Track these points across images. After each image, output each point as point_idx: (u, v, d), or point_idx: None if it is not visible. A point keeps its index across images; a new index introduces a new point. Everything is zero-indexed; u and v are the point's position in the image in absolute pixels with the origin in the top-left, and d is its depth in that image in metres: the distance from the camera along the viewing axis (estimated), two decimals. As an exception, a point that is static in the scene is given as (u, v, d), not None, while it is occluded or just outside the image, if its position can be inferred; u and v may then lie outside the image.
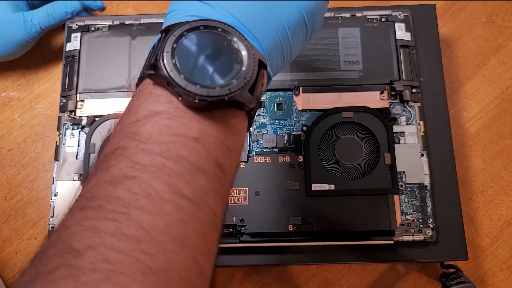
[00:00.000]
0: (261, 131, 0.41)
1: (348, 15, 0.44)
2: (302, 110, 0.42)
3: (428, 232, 0.38)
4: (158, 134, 0.19)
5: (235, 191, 0.39)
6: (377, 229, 0.38)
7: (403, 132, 0.41)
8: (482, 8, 0.50)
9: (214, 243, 0.20)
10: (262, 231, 0.38)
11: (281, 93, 0.42)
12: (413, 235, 0.38)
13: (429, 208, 0.39)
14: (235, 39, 0.21)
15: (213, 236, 0.20)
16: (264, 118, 0.42)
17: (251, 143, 0.41)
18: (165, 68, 0.20)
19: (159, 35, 0.22)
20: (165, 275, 0.17)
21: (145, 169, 0.18)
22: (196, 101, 0.19)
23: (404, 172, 0.40)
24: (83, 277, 0.15)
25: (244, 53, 0.21)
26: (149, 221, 0.17)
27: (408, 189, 0.40)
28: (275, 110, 0.42)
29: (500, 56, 0.49)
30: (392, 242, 0.38)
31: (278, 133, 0.41)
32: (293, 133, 0.41)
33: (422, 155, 0.40)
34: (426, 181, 0.40)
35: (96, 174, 0.19)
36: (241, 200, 0.39)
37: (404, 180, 0.40)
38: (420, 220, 0.39)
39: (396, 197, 0.39)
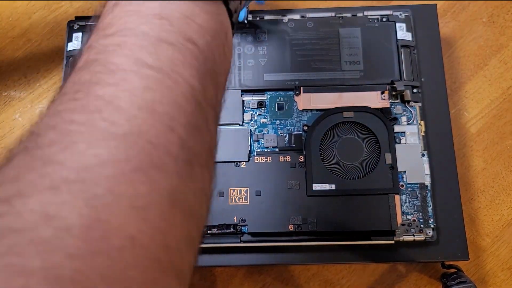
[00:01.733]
0: (262, 131, 0.41)
1: (349, 15, 0.44)
2: (303, 110, 0.42)
3: (429, 232, 0.38)
4: (117, 18, 0.19)
5: (235, 191, 0.39)
6: (378, 229, 0.38)
7: (404, 132, 0.41)
8: (483, 8, 0.50)
9: (197, 118, 0.18)
10: (263, 231, 0.38)
11: (282, 93, 0.42)
12: (413, 235, 0.38)
13: (429, 208, 0.39)
14: None
15: (193, 109, 0.18)
16: (265, 118, 0.42)
17: (252, 143, 0.41)
18: None
19: None
20: (131, 139, 0.16)
21: (105, 49, 0.18)
22: None
23: (405, 172, 0.40)
24: (38, 150, 0.15)
25: None
26: (110, 92, 0.16)
27: (409, 189, 0.40)
28: (276, 110, 0.42)
29: (501, 56, 0.49)
30: (392, 242, 0.38)
31: (279, 133, 0.41)
32: (294, 133, 0.41)
33: (423, 155, 0.40)
34: (427, 181, 0.40)
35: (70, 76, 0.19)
36: (242, 200, 0.39)
37: (404, 180, 0.40)
38: (421, 220, 0.39)
39: (396, 197, 0.39)
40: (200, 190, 0.18)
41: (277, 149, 0.41)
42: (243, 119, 0.41)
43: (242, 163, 0.40)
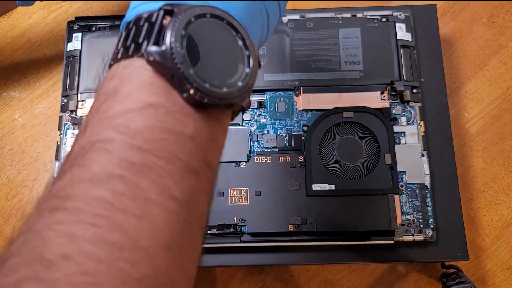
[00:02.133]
0: (262, 131, 0.41)
1: (348, 15, 0.44)
2: (303, 110, 0.42)
3: (429, 232, 0.39)
4: (150, 130, 0.17)
5: (235, 191, 0.39)
6: (378, 229, 0.38)
7: (404, 132, 0.41)
8: (483, 8, 0.50)
9: (199, 243, 0.19)
10: (263, 231, 0.38)
11: (281, 93, 0.42)
12: (413, 235, 0.38)
13: (429, 208, 0.39)
14: (239, 35, 0.20)
15: (199, 236, 0.19)
16: (264, 118, 0.42)
17: (252, 143, 0.41)
18: (174, 59, 0.17)
19: (149, 8, 0.19)
20: (149, 283, 0.15)
21: (133, 167, 0.16)
22: (205, 100, 0.18)
23: (405, 172, 0.40)
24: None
25: (247, 53, 0.20)
26: (134, 225, 0.15)
27: (409, 189, 0.40)
28: (276, 110, 0.42)
29: (501, 56, 0.49)
30: (392, 242, 0.38)
31: (278, 133, 0.41)
32: (293, 133, 0.41)
33: (423, 155, 0.40)
34: (427, 181, 0.40)
35: (71, 170, 0.17)
36: (242, 200, 0.39)
37: (404, 180, 0.40)
38: (421, 220, 0.39)
39: (396, 197, 0.39)
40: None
41: (277, 149, 0.41)
42: (243, 119, 0.42)
43: (242, 163, 0.40)
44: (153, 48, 0.18)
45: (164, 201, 0.16)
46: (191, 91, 0.18)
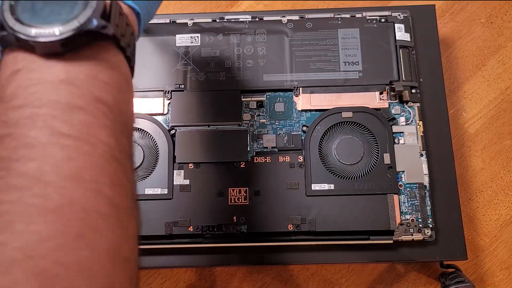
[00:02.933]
0: (261, 131, 0.41)
1: (347, 16, 0.44)
2: (302, 110, 0.42)
3: (427, 232, 0.39)
4: (23, 88, 0.19)
5: (235, 191, 0.39)
6: (377, 228, 0.38)
7: (403, 132, 0.41)
8: (481, 9, 0.50)
9: (119, 174, 0.19)
10: (262, 231, 0.39)
11: (281, 93, 0.43)
12: (412, 235, 0.39)
13: (428, 208, 0.39)
14: None
15: (115, 167, 0.19)
16: (264, 118, 0.42)
17: (251, 143, 0.41)
18: (9, 27, 0.19)
19: None
20: (65, 210, 0.17)
21: (17, 123, 0.18)
22: (48, 44, 0.19)
23: (404, 172, 0.40)
24: None
25: None
26: (34, 167, 0.17)
27: (408, 189, 0.40)
28: (275, 110, 0.42)
29: (499, 57, 0.49)
30: (391, 241, 0.38)
31: (278, 133, 0.41)
32: (293, 133, 0.41)
33: (422, 155, 0.40)
34: (426, 181, 0.40)
35: None
36: (241, 200, 0.39)
37: (403, 180, 0.40)
38: (420, 220, 0.39)
39: (395, 197, 0.39)
40: (131, 237, 0.19)
41: (276, 149, 0.41)
42: (243, 120, 0.42)
43: (241, 163, 0.40)
44: None
45: (56, 140, 0.18)
46: (40, 45, 0.19)
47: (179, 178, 0.40)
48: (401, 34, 0.43)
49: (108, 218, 0.18)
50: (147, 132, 0.41)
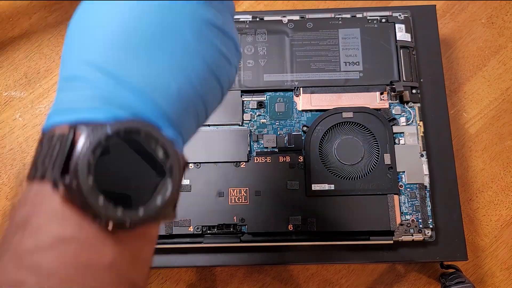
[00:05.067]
0: (262, 131, 0.41)
1: (348, 16, 0.44)
2: (303, 111, 0.42)
3: (428, 232, 0.39)
4: (64, 268, 0.16)
5: (235, 191, 0.39)
6: (377, 229, 0.38)
7: (403, 133, 0.41)
8: (482, 9, 0.50)
9: None
10: (262, 231, 0.38)
11: (281, 93, 0.42)
12: (412, 235, 0.38)
13: (428, 208, 0.39)
14: (159, 147, 0.18)
15: None
16: (264, 118, 0.42)
17: (252, 143, 0.41)
18: (81, 188, 0.16)
19: (64, 119, 0.18)
20: None
21: None
22: (126, 225, 0.17)
23: (404, 172, 0.40)
24: None
25: (169, 165, 0.18)
26: None
27: (408, 189, 0.40)
28: (276, 110, 0.42)
29: (500, 57, 0.49)
30: (391, 242, 0.38)
31: (278, 133, 0.41)
32: (293, 133, 0.41)
33: (422, 155, 0.40)
34: (426, 181, 0.40)
35: None
36: (242, 200, 0.39)
37: (403, 180, 0.40)
38: (420, 220, 0.39)
39: (395, 197, 0.39)
40: None
41: (276, 150, 0.41)
42: (243, 120, 0.42)
43: (241, 163, 0.40)
44: (58, 178, 0.17)
45: None
46: (107, 222, 0.17)
47: (179, 178, 0.40)
48: (402, 34, 0.43)
49: None
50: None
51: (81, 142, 0.17)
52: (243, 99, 0.42)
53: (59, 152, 0.17)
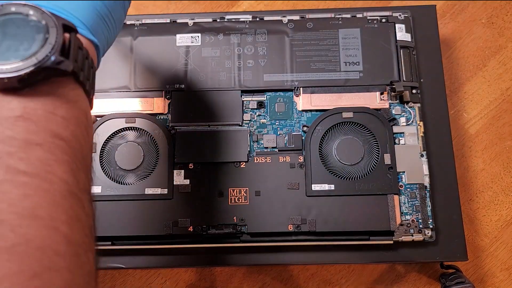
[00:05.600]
0: (262, 131, 0.41)
1: (348, 16, 0.44)
2: (303, 111, 0.42)
3: (428, 233, 0.39)
4: None
5: (235, 191, 0.39)
6: (377, 229, 0.38)
7: (403, 133, 0.41)
8: (482, 9, 0.50)
9: (76, 210, 0.19)
10: (262, 231, 0.38)
11: (281, 93, 0.42)
12: (412, 236, 0.38)
13: (428, 208, 0.39)
14: (31, 12, 0.21)
15: (71, 203, 0.19)
16: (264, 118, 0.42)
17: (252, 143, 0.41)
18: None
19: None
20: (21, 249, 0.16)
21: None
22: (5, 80, 0.19)
23: (404, 172, 0.40)
24: None
25: (43, 22, 0.21)
26: None
27: (408, 189, 0.40)
28: (276, 110, 0.42)
29: (500, 57, 0.49)
30: (391, 242, 0.38)
31: (278, 133, 0.41)
32: (293, 133, 0.41)
33: (422, 155, 0.40)
34: (426, 181, 0.40)
35: None
36: (242, 200, 0.39)
37: (404, 180, 0.40)
38: (420, 221, 0.39)
39: (395, 197, 0.39)
40: (88, 273, 0.19)
41: (276, 150, 0.41)
42: (243, 120, 0.42)
43: (241, 163, 0.40)
44: None
45: (12, 177, 0.18)
46: None
47: (179, 178, 0.40)
48: (402, 34, 0.43)
49: (65, 256, 0.18)
50: (147, 132, 0.40)
51: None
52: (243, 99, 0.42)
53: None
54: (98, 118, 0.42)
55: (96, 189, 0.39)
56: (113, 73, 0.43)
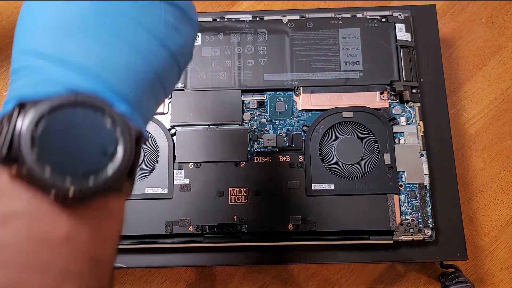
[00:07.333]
0: (262, 131, 0.41)
1: (348, 15, 0.44)
2: (303, 110, 0.42)
3: (428, 232, 0.39)
4: (16, 241, 0.16)
5: (235, 191, 0.39)
6: (377, 228, 0.38)
7: (403, 132, 0.41)
8: (482, 9, 0.50)
9: None
10: (262, 231, 0.39)
11: (281, 93, 0.42)
12: (412, 235, 0.38)
13: (428, 208, 0.39)
14: (106, 117, 0.18)
15: None
16: (264, 118, 0.42)
17: (252, 142, 0.41)
18: (25, 161, 0.16)
19: (8, 107, 0.18)
20: None
21: (3, 287, 0.16)
22: (70, 196, 0.17)
23: (404, 172, 0.40)
24: None
25: (119, 132, 0.18)
26: None
27: (408, 189, 0.40)
28: (276, 110, 0.42)
29: (500, 57, 0.49)
30: (391, 241, 0.38)
31: (278, 133, 0.41)
32: (293, 133, 0.41)
33: (422, 155, 0.40)
34: (426, 181, 0.40)
35: None
36: (242, 200, 0.39)
37: (403, 180, 0.40)
38: (420, 220, 0.39)
39: (395, 197, 0.39)
40: None
41: (276, 149, 0.41)
42: (243, 119, 0.42)
43: (241, 163, 0.40)
44: (3, 155, 0.17)
45: None
46: (53, 193, 0.17)
47: (179, 178, 0.40)
48: (402, 34, 0.43)
49: None
50: (147, 132, 0.40)
51: (23, 118, 0.17)
52: (243, 99, 0.42)
53: (7, 131, 0.17)
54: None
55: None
56: (113, 73, 0.43)
